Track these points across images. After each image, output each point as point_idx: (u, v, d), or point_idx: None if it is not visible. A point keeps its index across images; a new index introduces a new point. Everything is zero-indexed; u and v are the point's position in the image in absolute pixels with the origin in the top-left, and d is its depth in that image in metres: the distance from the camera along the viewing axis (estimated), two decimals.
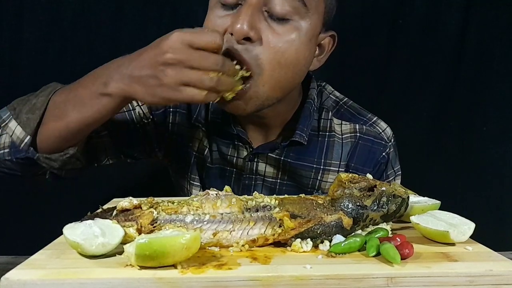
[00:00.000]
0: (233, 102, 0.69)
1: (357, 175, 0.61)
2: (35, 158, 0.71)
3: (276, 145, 0.84)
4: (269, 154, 0.85)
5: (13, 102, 0.76)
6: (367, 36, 1.34)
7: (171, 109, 0.88)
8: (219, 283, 0.45)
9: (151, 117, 0.87)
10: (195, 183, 0.90)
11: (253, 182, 0.87)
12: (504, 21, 1.35)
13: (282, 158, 0.84)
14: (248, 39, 0.67)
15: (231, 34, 0.67)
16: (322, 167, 0.85)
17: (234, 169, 0.87)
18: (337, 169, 0.85)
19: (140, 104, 0.86)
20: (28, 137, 0.70)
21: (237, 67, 0.63)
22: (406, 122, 1.35)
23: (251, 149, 0.85)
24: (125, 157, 0.90)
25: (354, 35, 1.32)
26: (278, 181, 0.86)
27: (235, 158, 0.86)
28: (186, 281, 0.44)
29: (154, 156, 0.92)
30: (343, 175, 0.60)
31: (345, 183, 0.60)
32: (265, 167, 0.86)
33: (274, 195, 0.62)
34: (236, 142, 0.86)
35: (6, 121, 0.73)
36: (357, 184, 0.59)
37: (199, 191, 0.89)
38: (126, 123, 0.85)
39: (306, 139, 0.83)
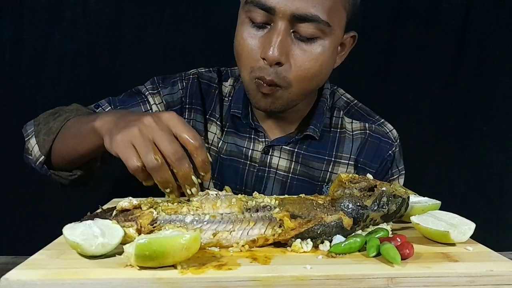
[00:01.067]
0: (267, 100, 0.78)
1: (357, 175, 0.61)
2: (47, 175, 0.82)
3: (291, 139, 0.89)
4: (283, 146, 0.90)
5: (40, 116, 0.85)
6: (367, 35, 1.34)
7: (187, 106, 0.93)
8: (219, 283, 0.45)
9: None
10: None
11: (265, 175, 0.90)
12: (504, 21, 1.35)
13: (296, 150, 0.90)
14: (278, 63, 0.73)
15: (263, 59, 0.74)
16: (333, 159, 0.90)
17: (248, 162, 0.91)
18: (347, 162, 0.91)
19: (157, 103, 0.91)
20: (43, 157, 0.79)
21: (194, 178, 0.58)
22: (406, 122, 1.35)
23: (267, 142, 0.90)
24: None
25: None
26: (290, 175, 0.90)
27: (250, 151, 0.91)
28: (186, 281, 0.44)
29: None
30: (343, 175, 0.60)
31: (345, 183, 0.60)
32: (279, 160, 0.90)
33: (274, 196, 0.62)
34: (253, 136, 0.91)
35: (29, 136, 0.83)
36: (357, 184, 0.59)
37: (209, 183, 0.93)
38: None
39: (319, 134, 0.89)
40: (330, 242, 0.55)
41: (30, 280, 0.44)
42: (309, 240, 0.54)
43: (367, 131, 0.92)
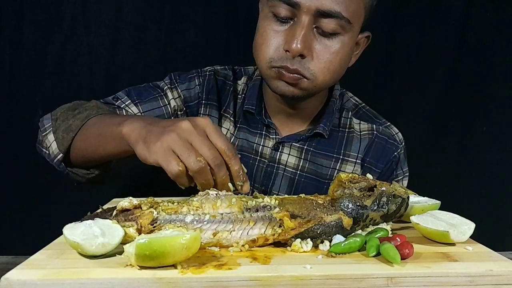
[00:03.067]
0: (290, 87, 0.80)
1: (357, 175, 0.61)
2: (65, 173, 0.83)
3: (301, 136, 0.91)
4: (293, 143, 0.92)
5: (58, 110, 0.84)
6: None
7: (203, 102, 0.95)
8: (219, 283, 0.45)
9: (184, 109, 0.95)
10: None
11: (274, 170, 0.92)
12: (504, 21, 1.35)
13: (305, 147, 0.92)
14: (301, 55, 0.77)
15: (286, 51, 0.77)
16: (341, 157, 0.92)
17: (258, 157, 0.93)
18: (355, 160, 0.92)
19: (175, 97, 0.93)
20: (61, 154, 0.80)
21: (230, 185, 0.61)
22: (406, 122, 1.35)
23: (277, 139, 0.92)
24: None
25: None
26: (298, 172, 0.92)
27: (261, 146, 0.93)
28: (186, 281, 0.44)
29: None
30: (343, 175, 0.60)
31: (345, 183, 0.60)
32: (288, 157, 0.92)
33: (274, 196, 0.62)
34: (264, 132, 0.93)
35: (47, 132, 0.82)
36: (357, 184, 0.59)
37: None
38: (162, 117, 0.92)
39: (328, 132, 0.91)
40: (330, 242, 0.55)
41: (30, 280, 0.44)
42: (309, 240, 0.54)
43: (374, 132, 0.94)
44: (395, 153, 0.93)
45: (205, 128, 0.60)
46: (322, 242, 0.55)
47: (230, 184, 0.61)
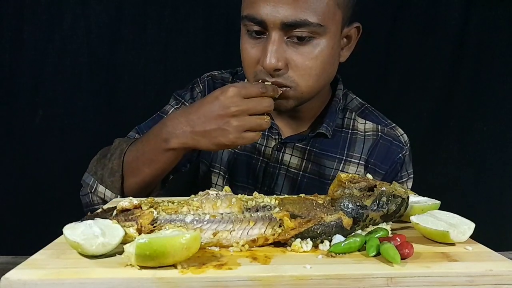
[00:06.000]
0: (278, 100, 0.79)
1: (357, 175, 0.61)
2: None
3: (304, 137, 0.92)
4: (296, 144, 0.92)
5: (91, 165, 0.86)
6: (367, 36, 1.34)
7: None
8: (219, 283, 0.45)
9: None
10: (221, 172, 0.97)
11: (277, 171, 0.93)
12: (504, 21, 1.35)
13: (308, 147, 0.92)
14: (277, 69, 0.77)
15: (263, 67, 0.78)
16: (344, 158, 0.92)
17: (261, 158, 0.94)
18: (358, 161, 0.92)
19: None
20: (119, 196, 0.82)
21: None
22: (406, 122, 1.35)
23: (280, 139, 0.92)
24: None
25: None
26: (301, 172, 0.92)
27: (263, 147, 0.94)
28: (186, 281, 0.44)
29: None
30: (343, 175, 0.60)
31: (345, 183, 0.60)
32: (290, 158, 0.92)
33: (274, 196, 0.62)
34: (267, 133, 0.93)
35: (94, 186, 0.83)
36: (357, 184, 0.59)
37: (223, 181, 0.96)
38: None
39: (331, 132, 0.91)
40: (330, 241, 0.55)
41: (30, 280, 0.44)
42: (309, 239, 0.54)
43: (379, 133, 0.93)
44: (400, 155, 0.92)
45: (241, 95, 0.69)
46: (322, 242, 0.55)
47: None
